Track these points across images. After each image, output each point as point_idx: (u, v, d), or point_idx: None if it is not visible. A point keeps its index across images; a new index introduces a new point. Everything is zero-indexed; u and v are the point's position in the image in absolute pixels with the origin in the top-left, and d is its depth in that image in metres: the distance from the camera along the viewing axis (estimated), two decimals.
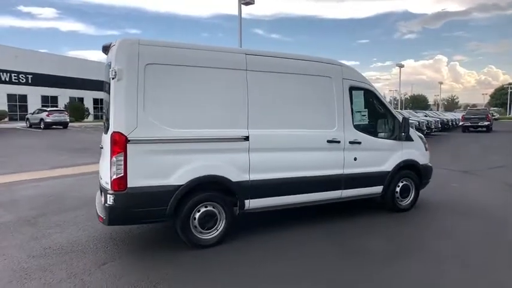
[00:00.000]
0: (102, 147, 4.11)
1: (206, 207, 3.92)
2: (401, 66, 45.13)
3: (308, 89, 4.57)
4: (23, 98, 35.84)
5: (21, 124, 28.76)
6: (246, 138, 4.03)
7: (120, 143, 3.46)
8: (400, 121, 5.20)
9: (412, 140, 5.42)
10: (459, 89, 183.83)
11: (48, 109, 26.68)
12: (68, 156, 11.63)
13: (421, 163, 5.47)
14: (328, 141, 4.57)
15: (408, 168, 5.35)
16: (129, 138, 3.48)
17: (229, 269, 3.48)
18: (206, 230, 3.93)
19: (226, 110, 4.00)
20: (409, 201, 5.43)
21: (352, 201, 5.09)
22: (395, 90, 58.25)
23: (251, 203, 4.15)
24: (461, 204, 5.90)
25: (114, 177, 3.46)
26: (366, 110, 5.05)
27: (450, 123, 28.47)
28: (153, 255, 3.78)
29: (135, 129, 3.50)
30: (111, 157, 3.48)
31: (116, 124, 3.49)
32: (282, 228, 4.59)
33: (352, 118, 4.83)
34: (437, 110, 60.92)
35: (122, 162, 3.46)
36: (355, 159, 4.79)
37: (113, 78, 3.51)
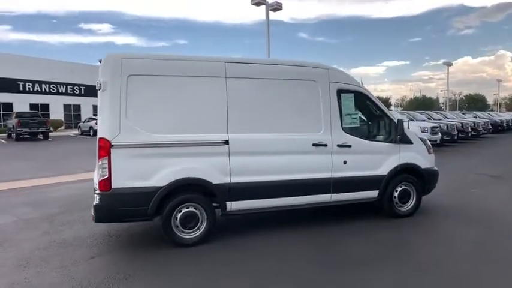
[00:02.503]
0: None
1: (188, 208, 4.15)
2: (449, 64, 42.20)
3: (291, 93, 4.63)
4: (77, 107, 39.30)
5: (75, 132, 31.55)
6: (226, 142, 4.21)
7: (104, 148, 3.83)
8: (396, 123, 5.03)
9: (411, 143, 5.20)
10: None
11: (97, 117, 28.93)
12: None
13: (422, 167, 5.22)
14: (314, 145, 4.59)
15: (407, 172, 5.15)
16: (112, 143, 3.83)
17: (210, 267, 3.65)
18: (188, 229, 4.16)
19: (205, 115, 4.22)
20: (410, 206, 5.21)
21: (347, 205, 5.02)
22: (449, 90, 54.39)
23: (233, 205, 4.30)
24: (471, 211, 5.53)
25: (100, 178, 3.84)
26: (357, 112, 4.96)
27: (505, 124, 26.14)
28: (140, 251, 4.09)
29: (118, 135, 3.85)
30: (97, 160, 3.87)
31: (101, 130, 3.88)
32: (267, 230, 4.68)
33: (341, 121, 4.78)
34: (497, 110, 55.98)
35: (107, 165, 3.82)
36: (344, 162, 4.74)
37: (98, 89, 3.91)
